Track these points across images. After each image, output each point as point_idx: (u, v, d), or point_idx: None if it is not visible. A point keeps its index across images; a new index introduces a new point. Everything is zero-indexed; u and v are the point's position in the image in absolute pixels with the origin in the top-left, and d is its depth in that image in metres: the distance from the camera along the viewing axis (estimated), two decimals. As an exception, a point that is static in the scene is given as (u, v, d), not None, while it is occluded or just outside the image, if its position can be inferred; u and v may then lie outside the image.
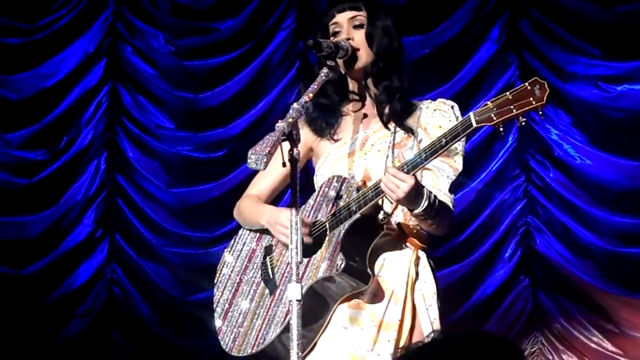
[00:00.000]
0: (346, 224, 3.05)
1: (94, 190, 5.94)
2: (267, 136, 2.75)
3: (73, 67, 6.00)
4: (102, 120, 5.99)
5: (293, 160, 2.79)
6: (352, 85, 3.30)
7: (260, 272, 3.24)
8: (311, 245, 3.08)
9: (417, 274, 3.10)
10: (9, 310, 5.79)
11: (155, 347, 5.78)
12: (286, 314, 3.04)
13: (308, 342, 3.04)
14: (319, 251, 3.07)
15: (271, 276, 3.20)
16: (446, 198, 3.10)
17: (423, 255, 3.14)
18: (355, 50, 3.19)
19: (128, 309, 5.84)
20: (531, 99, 2.82)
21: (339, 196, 3.11)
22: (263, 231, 3.30)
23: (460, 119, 3.13)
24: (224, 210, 3.83)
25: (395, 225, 3.12)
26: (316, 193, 3.19)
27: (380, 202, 3.07)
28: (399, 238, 3.11)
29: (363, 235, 3.06)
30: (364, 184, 3.13)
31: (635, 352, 5.44)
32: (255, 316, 3.18)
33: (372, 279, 3.04)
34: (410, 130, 3.18)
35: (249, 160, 2.70)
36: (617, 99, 5.58)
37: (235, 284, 3.29)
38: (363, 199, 3.03)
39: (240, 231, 3.37)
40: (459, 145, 3.09)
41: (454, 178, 3.14)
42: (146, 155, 5.97)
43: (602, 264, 5.52)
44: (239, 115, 5.91)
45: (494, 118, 2.85)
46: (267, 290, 3.19)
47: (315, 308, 3.05)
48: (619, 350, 5.47)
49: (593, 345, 5.50)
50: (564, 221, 5.61)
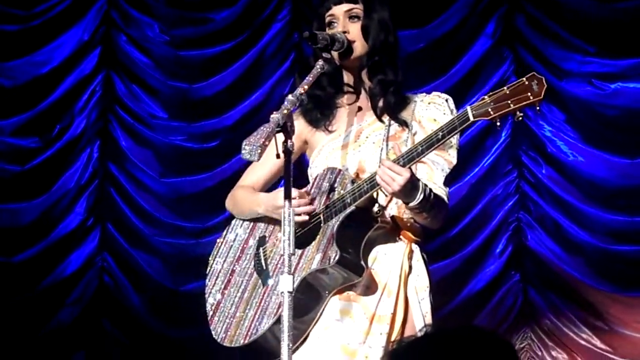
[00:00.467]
0: (340, 216, 3.04)
1: (87, 178, 5.92)
2: (262, 127, 2.73)
3: (67, 55, 5.96)
4: (96, 108, 5.97)
5: (287, 151, 2.78)
6: (347, 78, 3.29)
7: (253, 263, 3.24)
8: (305, 236, 3.08)
9: (411, 268, 3.10)
10: (-1, 297, 5.79)
11: (146, 337, 5.77)
12: (279, 306, 3.03)
13: (300, 334, 3.03)
14: (313, 243, 3.07)
15: (264, 267, 3.20)
16: (441, 191, 3.09)
17: (417, 249, 3.14)
18: (350, 42, 3.18)
19: (119, 298, 5.82)
20: (529, 94, 2.82)
21: (333, 188, 3.10)
22: (256, 221, 3.30)
23: (454, 112, 3.14)
24: (216, 201, 3.81)
25: (389, 218, 3.11)
26: (310, 185, 3.19)
27: (375, 195, 3.07)
28: (392, 231, 3.11)
29: (357, 228, 3.06)
30: (357, 176, 3.13)
31: (624, 350, 5.45)
32: (248, 307, 3.18)
33: (365, 272, 3.03)
34: (404, 123, 3.18)
35: (242, 151, 2.68)
36: (611, 96, 5.58)
37: (228, 275, 3.28)
38: (358, 191, 3.02)
39: (233, 221, 3.36)
40: (454, 138, 3.09)
41: (448, 171, 3.13)
42: (139, 144, 5.95)
43: (593, 261, 5.52)
44: (233, 105, 5.89)
45: (491, 112, 2.84)
46: (260, 281, 3.19)
47: (308, 300, 3.05)
48: (607, 347, 5.47)
49: (582, 341, 5.50)
50: (555, 218, 5.60)
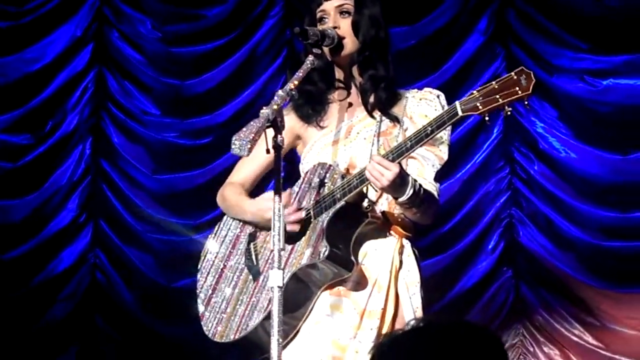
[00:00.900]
0: (330, 212, 3.04)
1: (79, 175, 5.91)
2: (252, 122, 2.73)
3: (59, 52, 5.95)
4: (88, 105, 5.96)
5: (277, 147, 2.78)
6: (338, 74, 3.29)
7: (244, 259, 3.24)
8: (295, 232, 3.09)
9: (401, 263, 3.10)
10: (-9, 294, 5.78)
11: (139, 333, 5.77)
12: (269, 301, 3.03)
13: (291, 329, 3.04)
14: (303, 238, 3.07)
15: (255, 262, 3.20)
16: (431, 187, 3.10)
17: (407, 244, 3.14)
18: (341, 38, 3.18)
19: (111, 295, 5.82)
20: (517, 88, 2.83)
21: (323, 183, 3.10)
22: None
23: (446, 108, 3.14)
24: (209, 198, 3.81)
25: (379, 214, 3.11)
26: (301, 180, 3.19)
27: (365, 190, 3.07)
28: (383, 226, 3.11)
29: (347, 223, 3.06)
30: (348, 172, 3.13)
31: (616, 346, 5.46)
32: (239, 302, 3.18)
33: (356, 267, 3.03)
34: (395, 119, 3.18)
35: (232, 146, 2.68)
36: (603, 93, 5.58)
37: (219, 270, 3.28)
38: (348, 186, 3.03)
39: (224, 217, 3.36)
40: (445, 134, 3.10)
41: (439, 167, 3.13)
42: (131, 141, 5.95)
43: (585, 257, 5.53)
44: (225, 102, 5.88)
45: (480, 107, 2.85)
46: (251, 277, 3.19)
47: (298, 295, 3.05)
48: (599, 343, 5.48)
49: (574, 337, 5.51)
50: (547, 214, 5.61)
